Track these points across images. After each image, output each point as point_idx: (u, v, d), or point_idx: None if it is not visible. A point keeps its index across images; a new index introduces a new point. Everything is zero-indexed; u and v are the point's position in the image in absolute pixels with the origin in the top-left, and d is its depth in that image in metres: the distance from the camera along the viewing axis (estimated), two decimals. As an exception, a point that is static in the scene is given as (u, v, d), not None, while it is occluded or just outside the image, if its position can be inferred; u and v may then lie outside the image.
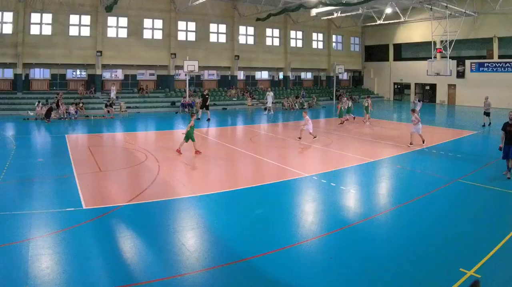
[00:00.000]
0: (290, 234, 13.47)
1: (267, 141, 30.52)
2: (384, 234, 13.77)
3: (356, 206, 16.98)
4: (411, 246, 12.63)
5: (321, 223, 14.68)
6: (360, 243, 12.76)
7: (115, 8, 51.25)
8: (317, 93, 70.51)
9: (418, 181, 21.28)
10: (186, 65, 53.42)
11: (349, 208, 16.71)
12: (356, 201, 17.56)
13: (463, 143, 33.29)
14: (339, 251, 12.18)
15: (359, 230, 13.96)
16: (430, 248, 12.39)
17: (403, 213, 15.80)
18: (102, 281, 10.13)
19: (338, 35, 78.65)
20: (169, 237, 13.07)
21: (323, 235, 13.38)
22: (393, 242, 12.92)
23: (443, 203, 17.21)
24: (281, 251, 12.01)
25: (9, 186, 18.43)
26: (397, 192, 19.15)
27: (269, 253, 11.82)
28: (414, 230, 14.00)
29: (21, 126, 39.12)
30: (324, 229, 14.04)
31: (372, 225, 14.48)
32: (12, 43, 50.10)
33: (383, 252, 12.12)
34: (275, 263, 11.27)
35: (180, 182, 20.13)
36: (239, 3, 62.87)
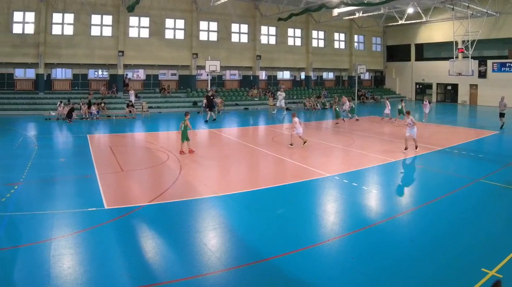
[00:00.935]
0: (311, 234, 13.33)
1: (289, 141, 29.20)
2: (406, 234, 13.62)
3: (377, 206, 16.77)
4: (432, 246, 12.42)
5: (342, 223, 14.49)
6: (381, 243, 12.56)
7: (137, 8, 50.38)
8: (339, 93, 65.67)
9: (440, 181, 20.68)
10: (208, 65, 52.99)
11: (371, 208, 16.47)
12: (377, 201, 17.35)
13: (484, 143, 32.64)
14: (361, 251, 12.00)
15: (380, 230, 13.78)
16: (451, 248, 12.26)
17: (425, 213, 15.54)
18: (123, 281, 10.03)
19: (360, 35, 77.11)
20: (191, 237, 12.88)
21: (344, 235, 13.22)
22: (414, 242, 12.76)
23: (464, 203, 17.02)
24: (303, 251, 11.88)
25: (31, 186, 18.23)
26: (418, 192, 18.95)
27: (291, 253, 11.69)
28: (436, 230, 13.78)
29: (42, 126, 38.62)
30: (346, 229, 13.86)
31: (394, 225, 14.35)
32: (34, 43, 49.57)
33: (404, 252, 12.02)
34: (296, 263, 11.12)
35: (201, 182, 19.71)
36: (261, 3, 61.60)
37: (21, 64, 50.77)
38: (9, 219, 13.96)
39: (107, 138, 33.87)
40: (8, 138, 30.91)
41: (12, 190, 17.24)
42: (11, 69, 51.02)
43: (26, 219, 13.87)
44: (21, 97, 49.36)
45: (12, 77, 51.44)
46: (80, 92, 52.98)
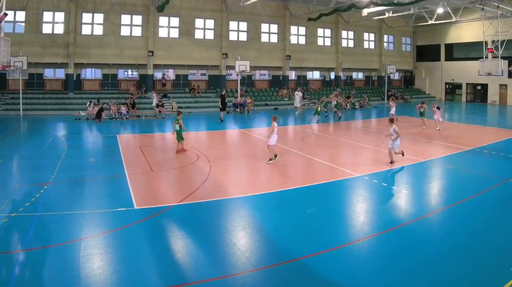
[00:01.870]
0: (341, 234, 13.24)
1: (318, 141, 29.38)
2: (436, 234, 13.33)
3: (407, 206, 16.60)
4: (462, 245, 12.24)
5: (372, 223, 14.28)
6: (411, 243, 12.38)
7: (167, 8, 49.38)
8: (368, 93, 67.26)
9: (469, 181, 20.46)
10: (238, 65, 51.97)
11: (400, 208, 16.34)
12: (407, 201, 17.15)
13: (514, 143, 31.64)
14: (391, 251, 11.81)
15: (410, 230, 13.57)
16: (481, 248, 12.05)
17: (455, 212, 15.39)
18: (153, 281, 9.95)
19: (389, 35, 74.78)
20: (220, 237, 12.77)
21: (374, 235, 13.01)
22: (444, 242, 12.50)
23: (494, 203, 16.71)
24: (332, 251, 11.76)
25: (60, 186, 18.11)
26: (448, 192, 18.56)
27: (320, 253, 11.58)
28: (466, 230, 13.63)
29: (72, 126, 38.24)
30: (375, 229, 13.63)
31: (424, 225, 14.09)
32: (64, 43, 49.10)
33: (434, 252, 11.73)
34: (326, 263, 11.03)
35: (231, 182, 19.47)
36: (290, 3, 60.20)
37: (50, 64, 50.21)
38: (38, 219, 13.81)
39: (137, 138, 33.30)
40: (38, 139, 30.53)
41: (41, 190, 17.04)
42: (41, 69, 50.55)
43: (55, 219, 13.78)
44: (50, 97, 48.81)
45: (42, 77, 51.07)
46: (110, 92, 52.34)
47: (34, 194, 16.51)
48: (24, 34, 47.54)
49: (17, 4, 46.34)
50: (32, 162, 23.02)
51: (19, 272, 10.28)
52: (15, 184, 18.36)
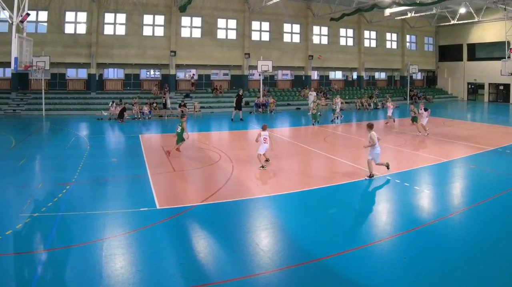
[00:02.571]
0: (363, 234, 13.10)
1: (341, 141, 29.22)
2: (458, 234, 13.12)
3: (429, 206, 16.21)
4: (484, 245, 12.00)
5: (394, 223, 14.09)
6: (433, 243, 12.14)
7: (189, 8, 48.89)
8: (391, 93, 65.02)
9: (492, 181, 19.83)
10: (260, 65, 50.96)
11: (423, 208, 15.92)
12: (429, 201, 16.76)
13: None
14: (413, 251, 11.61)
15: (432, 230, 13.30)
16: (503, 247, 11.83)
17: (477, 212, 15.09)
18: (176, 281, 9.83)
19: (412, 35, 72.73)
20: (243, 237, 12.62)
21: (396, 235, 12.82)
22: (466, 242, 12.32)
23: None
24: (355, 251, 11.60)
25: (83, 186, 17.94)
26: (470, 192, 18.22)
27: (343, 253, 11.44)
28: (488, 230, 13.29)
29: (94, 126, 37.95)
30: (398, 229, 13.44)
31: (446, 224, 13.83)
32: (86, 43, 48.58)
33: (456, 252, 11.58)
34: (348, 263, 10.89)
35: (253, 182, 19.30)
36: (313, 3, 58.89)
37: (73, 64, 49.89)
38: (61, 219, 13.64)
39: (159, 138, 33.01)
40: (60, 138, 30.42)
41: (64, 190, 16.86)
42: (63, 69, 50.08)
43: (78, 219, 13.68)
44: (73, 97, 48.31)
45: (64, 77, 50.58)
46: (132, 92, 51.48)
47: (57, 194, 16.30)
48: (46, 34, 47.21)
49: (39, 4, 45.89)
50: (55, 162, 22.70)
51: (41, 272, 10.14)
52: (37, 184, 18.04)
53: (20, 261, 10.72)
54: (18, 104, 45.46)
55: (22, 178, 19.07)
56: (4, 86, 47.85)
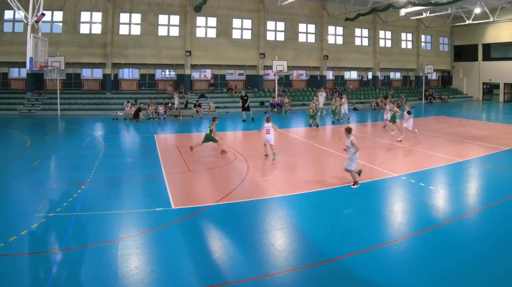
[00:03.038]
0: (378, 234, 12.84)
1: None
2: (473, 234, 12.95)
3: (444, 206, 16.11)
4: (500, 245, 11.85)
5: (409, 223, 13.95)
6: (448, 243, 12.02)
7: (204, 8, 47.89)
8: (406, 93, 64.54)
9: (507, 181, 19.47)
10: (275, 65, 49.87)
11: (438, 208, 15.74)
12: (444, 201, 16.67)
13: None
14: (428, 251, 11.45)
15: (448, 230, 13.16)
16: None
17: (492, 212, 14.84)
18: (191, 281, 9.79)
19: (427, 35, 71.35)
20: (258, 237, 12.47)
21: (412, 235, 12.70)
22: (482, 242, 12.15)
23: None
24: (370, 251, 11.48)
25: (98, 186, 17.81)
26: (486, 192, 17.95)
27: (358, 253, 11.32)
28: (503, 230, 13.12)
29: (110, 126, 37.69)
30: (413, 229, 13.29)
31: (461, 224, 13.72)
32: (101, 43, 48.11)
33: (472, 252, 11.49)
34: (363, 263, 10.74)
35: (268, 182, 19.07)
36: (328, 3, 57.98)
37: (88, 64, 49.58)
38: (76, 219, 13.58)
39: (174, 138, 32.88)
40: (75, 138, 30.36)
41: (79, 190, 16.78)
42: (78, 69, 49.82)
43: (93, 219, 13.58)
44: (88, 97, 47.82)
45: (79, 77, 50.32)
46: (148, 92, 50.91)
47: (72, 194, 16.22)
48: (61, 34, 46.84)
49: (54, 4, 45.54)
50: (70, 162, 22.56)
51: (56, 272, 10.07)
52: (53, 184, 17.98)
53: (35, 261, 10.62)
54: (33, 104, 45.12)
55: (37, 178, 18.84)
56: (20, 86, 47.89)
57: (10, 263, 10.48)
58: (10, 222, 13.26)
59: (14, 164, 21.88)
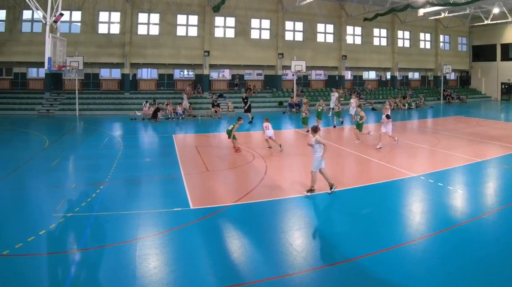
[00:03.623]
0: (397, 234, 12.63)
1: (374, 141, 27.58)
2: (492, 234, 12.59)
3: (463, 206, 15.78)
4: None
5: (428, 223, 13.60)
6: (467, 243, 11.77)
7: (223, 8, 47.22)
8: (424, 93, 63.47)
9: None
10: (294, 65, 49.30)
11: (456, 208, 15.45)
12: (463, 201, 16.32)
13: None
14: (446, 251, 11.21)
15: (466, 230, 12.91)
16: None
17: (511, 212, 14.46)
18: (209, 281, 9.63)
19: (445, 35, 69.81)
20: (276, 237, 12.27)
21: (430, 235, 12.38)
22: (500, 241, 11.82)
23: None
24: (388, 251, 11.27)
25: (116, 186, 17.57)
26: (504, 192, 17.50)
27: (376, 253, 11.08)
28: None
29: (128, 126, 37.13)
30: (431, 229, 12.97)
31: (480, 224, 13.40)
32: (120, 43, 47.47)
33: (490, 252, 11.16)
34: (382, 263, 10.52)
35: (286, 182, 18.62)
36: (346, 3, 56.85)
37: (106, 64, 49.04)
38: (94, 219, 13.39)
39: (193, 138, 32.28)
40: (93, 138, 30.04)
41: (97, 190, 16.58)
42: (97, 69, 49.28)
43: (111, 219, 13.43)
44: (106, 97, 47.18)
45: (98, 77, 49.77)
46: (166, 92, 50.14)
47: (90, 194, 16.07)
48: (80, 34, 46.33)
49: (73, 4, 45.04)
50: (88, 162, 22.32)
51: (75, 272, 9.93)
52: (71, 184, 17.71)
53: (54, 261, 10.47)
54: (51, 104, 44.72)
55: (55, 178, 18.63)
56: (38, 86, 47.38)
57: (28, 263, 10.34)
58: (28, 222, 13.06)
59: (33, 164, 21.50)
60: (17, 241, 11.37)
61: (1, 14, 44.56)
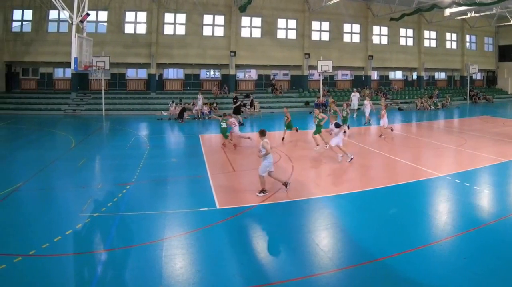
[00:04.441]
0: (423, 234, 12.31)
1: (400, 141, 28.52)
2: None
3: (489, 206, 15.33)
4: None
5: (454, 223, 13.35)
6: (493, 243, 11.41)
7: (249, 8, 46.15)
8: (450, 93, 61.60)
9: None
10: (320, 65, 48.31)
11: (483, 208, 15.06)
12: (489, 201, 15.89)
13: None
14: (473, 251, 10.97)
15: (493, 230, 12.55)
16: None
17: None
18: (236, 281, 9.46)
19: (471, 35, 67.85)
20: (303, 237, 12.04)
21: (456, 235, 12.16)
22: None
23: None
24: (415, 251, 11.07)
25: (143, 186, 17.38)
26: None
27: (403, 253, 10.90)
28: None
29: (154, 126, 36.42)
30: (458, 229, 12.72)
31: (506, 225, 13.00)
32: (146, 43, 46.57)
33: None
34: (408, 263, 10.31)
35: (313, 182, 18.45)
36: (373, 3, 55.07)
37: (133, 64, 48.16)
38: (121, 219, 13.25)
39: (219, 138, 30.58)
40: (120, 139, 29.63)
41: (124, 190, 16.41)
42: (123, 69, 48.34)
43: (138, 219, 13.30)
44: (133, 97, 46.16)
45: (124, 77, 48.83)
46: (192, 92, 48.79)
47: (117, 194, 15.89)
48: (106, 34, 45.56)
49: (99, 4, 44.32)
50: (115, 162, 21.99)
51: (101, 272, 9.80)
52: (97, 184, 17.48)
53: (80, 261, 10.38)
54: (78, 104, 43.84)
55: (82, 178, 18.41)
56: (64, 86, 46.79)
57: (55, 263, 10.20)
58: (55, 222, 12.93)
59: (59, 164, 21.17)
60: (44, 241, 11.19)
61: (28, 14, 44.12)
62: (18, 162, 21.63)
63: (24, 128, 33.39)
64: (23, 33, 44.42)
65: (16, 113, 40.75)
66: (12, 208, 14.31)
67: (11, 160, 22.04)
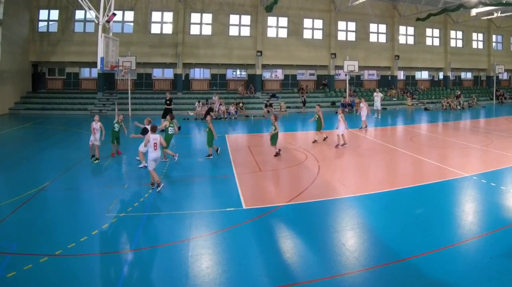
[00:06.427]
0: (449, 234, 11.86)
1: (427, 141, 28.02)
2: None
3: None
4: None
5: (480, 223, 12.78)
6: None
7: (275, 8, 44.24)
8: (477, 93, 58.86)
9: None
10: (346, 65, 46.29)
11: (509, 208, 14.44)
12: None
13: None
14: (499, 251, 10.51)
15: None
16: None
17: None
18: (262, 281, 9.25)
19: (498, 35, 66.08)
20: (329, 237, 11.76)
21: (482, 235, 11.68)
22: None
23: None
24: (441, 251, 10.69)
25: (168, 186, 16.76)
26: None
27: (429, 253, 10.52)
28: None
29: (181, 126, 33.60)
30: (484, 229, 12.18)
31: None
32: (172, 43, 45.21)
33: None
34: (434, 263, 9.99)
35: (339, 182, 17.87)
36: (399, 3, 52.65)
37: (159, 64, 46.79)
38: (147, 219, 12.99)
39: (245, 138, 31.18)
40: None
41: (150, 190, 15.99)
42: (150, 69, 47.00)
43: (164, 219, 13.08)
44: (159, 97, 43.88)
45: (151, 77, 47.44)
46: (218, 92, 46.61)
47: (143, 194, 15.60)
48: (132, 34, 44.37)
49: (125, 4, 43.23)
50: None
51: (127, 271, 9.58)
52: (123, 184, 17.11)
53: (106, 261, 10.20)
54: (104, 104, 42.34)
55: (108, 178, 18.22)
56: (91, 86, 45.57)
57: (81, 263, 10.02)
58: (81, 222, 12.73)
59: (85, 163, 20.76)
60: (70, 241, 11.02)
61: (54, 14, 42.98)
62: (44, 161, 21.25)
63: (51, 128, 32.61)
64: (49, 33, 43.20)
65: (43, 113, 39.59)
66: (39, 207, 14.02)
67: (38, 160, 21.59)
